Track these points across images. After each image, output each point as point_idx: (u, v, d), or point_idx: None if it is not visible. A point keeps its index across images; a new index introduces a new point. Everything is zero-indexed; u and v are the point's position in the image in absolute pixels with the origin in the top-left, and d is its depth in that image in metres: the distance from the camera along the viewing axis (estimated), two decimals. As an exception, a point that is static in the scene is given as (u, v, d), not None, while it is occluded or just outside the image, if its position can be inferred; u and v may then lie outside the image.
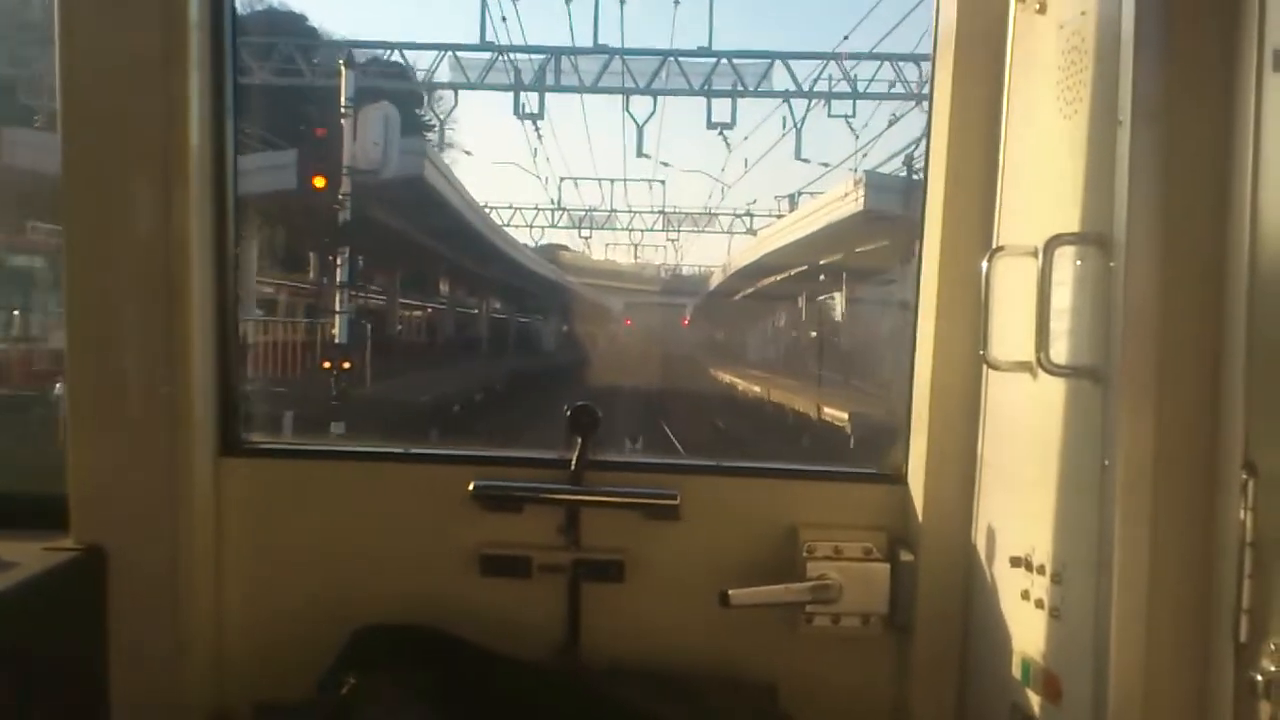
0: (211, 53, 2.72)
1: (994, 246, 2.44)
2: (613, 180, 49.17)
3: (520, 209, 46.99)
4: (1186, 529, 1.89)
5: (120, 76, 2.62)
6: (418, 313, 46.56)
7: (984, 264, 2.36)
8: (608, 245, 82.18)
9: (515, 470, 2.91)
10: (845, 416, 22.33)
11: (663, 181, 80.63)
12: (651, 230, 49.01)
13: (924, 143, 2.81)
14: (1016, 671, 2.29)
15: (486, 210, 40.99)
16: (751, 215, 46.93)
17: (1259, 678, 1.72)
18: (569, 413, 2.84)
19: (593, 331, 52.64)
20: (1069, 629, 2.10)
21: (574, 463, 2.81)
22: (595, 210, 47.39)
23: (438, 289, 46.63)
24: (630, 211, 48.10)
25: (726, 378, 41.26)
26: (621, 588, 2.79)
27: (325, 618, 2.69)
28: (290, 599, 2.84)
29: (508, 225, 45.13)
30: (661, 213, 48.53)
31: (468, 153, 53.98)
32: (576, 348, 47.18)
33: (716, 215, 47.40)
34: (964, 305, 2.55)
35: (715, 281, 54.18)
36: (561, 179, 55.44)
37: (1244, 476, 1.78)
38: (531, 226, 48.02)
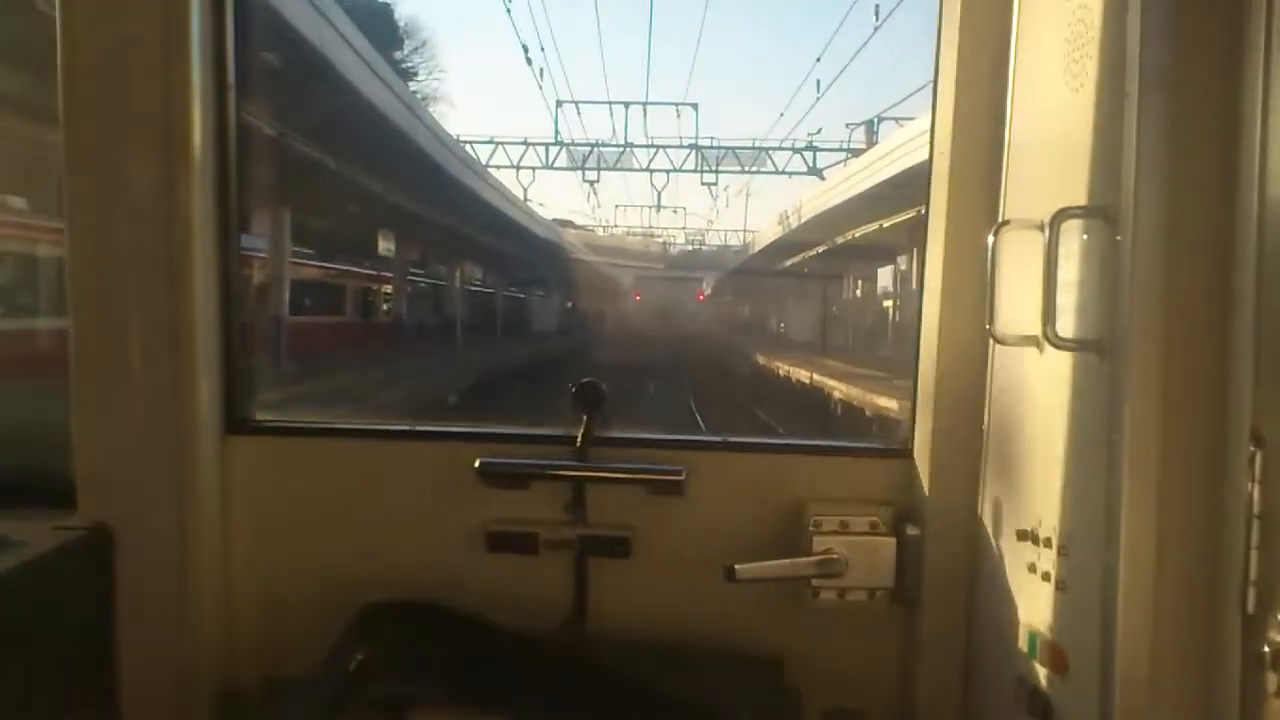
0: (213, 31, 2.71)
1: (1000, 220, 2.41)
2: (627, 104, 39.35)
3: (503, 143, 36.15)
4: (1194, 501, 1.88)
5: (121, 57, 2.60)
6: (347, 281, 33.98)
7: (990, 238, 2.35)
8: (618, 207, 72.34)
9: (521, 447, 2.91)
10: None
11: (695, 106, 62.09)
12: (680, 170, 37.33)
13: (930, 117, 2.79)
14: (1023, 644, 2.29)
15: (460, 143, 32.07)
16: (815, 149, 35.54)
17: (1266, 649, 1.72)
18: (574, 389, 2.82)
19: (602, 310, 46.07)
20: (1075, 602, 2.10)
21: (580, 439, 2.81)
22: (604, 145, 36.92)
23: (374, 247, 34.45)
24: (651, 146, 37.01)
25: (804, 376, 30.31)
26: (628, 563, 2.80)
27: (333, 594, 2.70)
28: (297, 576, 2.85)
29: (490, 165, 35.56)
30: (694, 147, 36.95)
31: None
32: (584, 334, 39.82)
33: (768, 151, 36.43)
34: (970, 279, 2.53)
35: (760, 244, 43.34)
36: (559, 102, 44.70)
37: (1251, 448, 1.77)
38: (519, 167, 36.46)
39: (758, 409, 24.36)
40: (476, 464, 2.79)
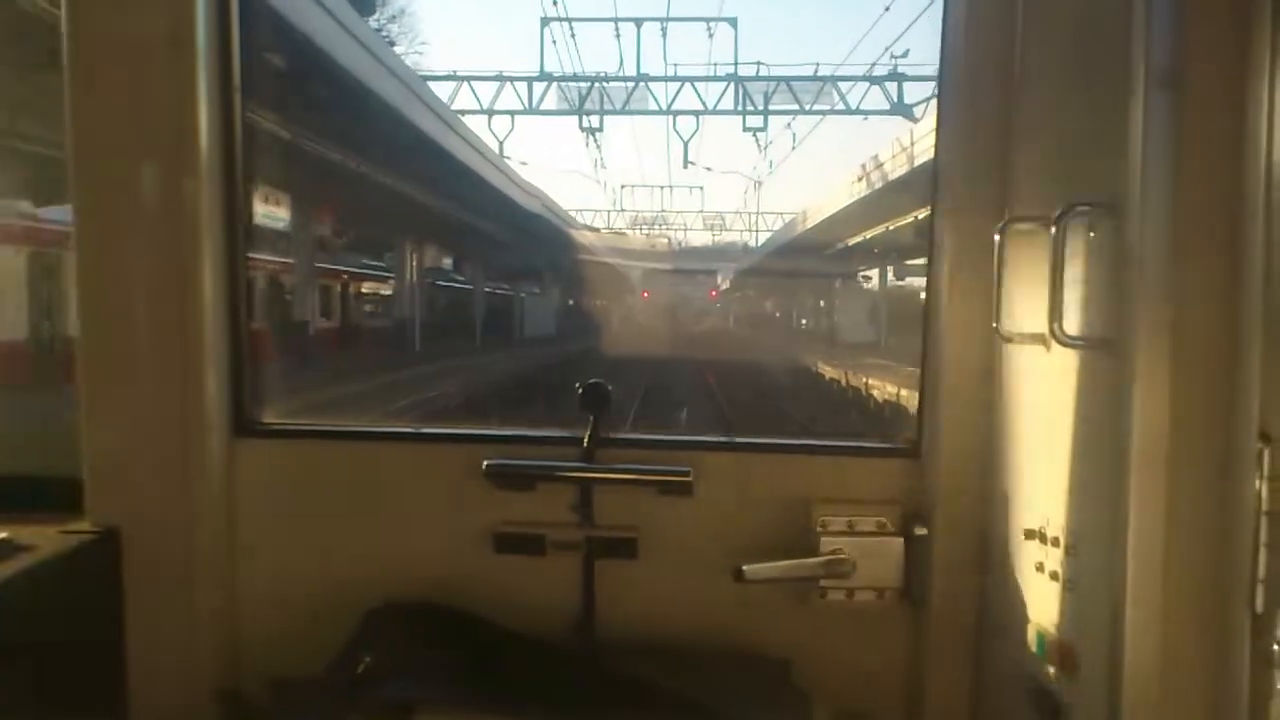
0: (219, 31, 2.72)
1: (1007, 218, 2.40)
2: (639, 21, 27.02)
3: (471, 79, 26.21)
4: (1202, 499, 1.87)
5: (127, 58, 2.62)
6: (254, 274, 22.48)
7: (996, 235, 2.34)
8: (624, 186, 62.74)
9: (528, 448, 2.91)
10: None
11: (733, 22, 44.04)
12: (715, 112, 26.88)
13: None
14: (1032, 644, 2.28)
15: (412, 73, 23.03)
16: (901, 79, 25.73)
17: (1275, 647, 1.72)
18: (581, 390, 2.82)
19: (608, 308, 40.14)
20: (1084, 601, 2.10)
21: (587, 440, 2.80)
22: (608, 79, 27.18)
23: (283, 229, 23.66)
24: (674, 78, 27.18)
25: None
26: (635, 564, 2.80)
27: (340, 597, 2.71)
28: (305, 579, 2.85)
29: (458, 110, 25.37)
30: (733, 79, 26.79)
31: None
32: (586, 338, 32.80)
33: (835, 82, 26.19)
34: (977, 277, 2.51)
35: (814, 219, 33.91)
36: (545, 20, 31.79)
37: (1259, 446, 1.77)
38: (492, 112, 26.34)
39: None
40: (483, 466, 2.78)
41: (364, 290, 32.63)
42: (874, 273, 39.01)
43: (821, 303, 45.40)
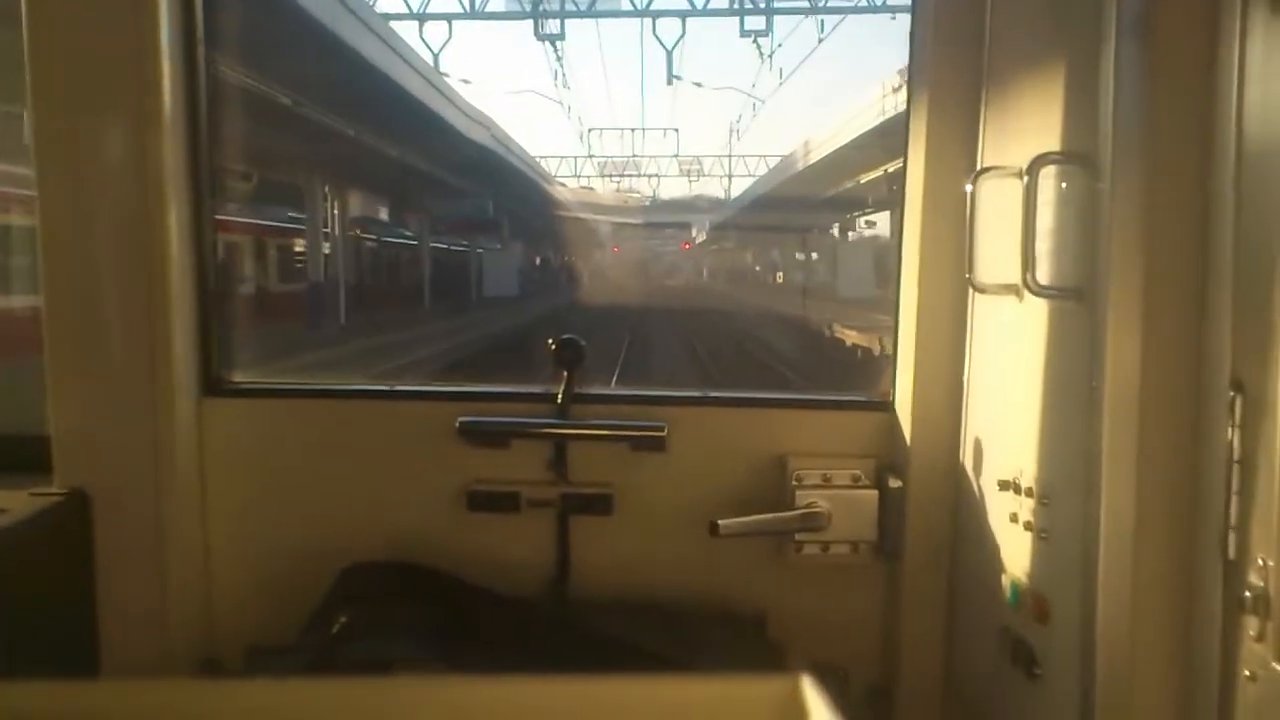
0: None
1: (979, 168, 2.40)
2: None
3: None
4: (1174, 448, 1.87)
5: (88, 13, 2.56)
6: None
7: (969, 186, 2.34)
8: (591, 130, 57.42)
9: (502, 405, 2.89)
10: None
11: None
12: (705, 12, 22.23)
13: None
14: (1005, 594, 2.29)
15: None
16: None
17: (1246, 594, 1.72)
18: (554, 346, 2.79)
19: (577, 265, 38.31)
20: (1057, 550, 2.11)
21: (560, 396, 2.79)
22: None
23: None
24: None
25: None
26: (610, 521, 2.79)
27: (314, 556, 2.69)
28: (278, 538, 2.83)
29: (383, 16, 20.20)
30: None
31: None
32: (555, 297, 30.81)
33: None
34: (949, 228, 2.51)
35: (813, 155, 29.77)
36: None
37: (1231, 394, 1.76)
38: (423, 17, 21.61)
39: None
40: (457, 423, 2.76)
41: (294, 249, 27.39)
42: (881, 217, 34.43)
43: (815, 254, 40.72)
